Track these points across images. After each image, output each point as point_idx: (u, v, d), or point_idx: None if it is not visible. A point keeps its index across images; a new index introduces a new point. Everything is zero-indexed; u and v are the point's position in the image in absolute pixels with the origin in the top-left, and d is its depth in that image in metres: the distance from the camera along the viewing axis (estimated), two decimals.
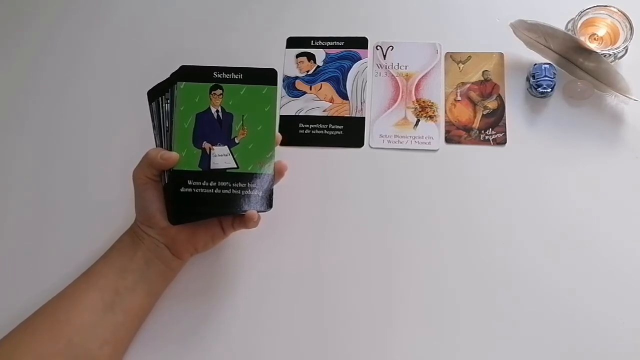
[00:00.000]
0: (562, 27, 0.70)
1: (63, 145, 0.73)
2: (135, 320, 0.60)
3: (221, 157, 0.58)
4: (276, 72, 0.60)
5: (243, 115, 0.59)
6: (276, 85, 0.60)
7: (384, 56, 0.75)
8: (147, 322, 0.62)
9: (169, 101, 0.59)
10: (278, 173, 0.60)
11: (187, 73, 0.59)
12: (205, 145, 0.58)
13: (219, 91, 0.58)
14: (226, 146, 0.58)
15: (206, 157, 0.58)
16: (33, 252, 0.67)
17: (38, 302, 0.58)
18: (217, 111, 0.58)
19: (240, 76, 0.59)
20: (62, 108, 0.75)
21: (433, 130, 0.70)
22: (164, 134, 0.60)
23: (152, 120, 0.61)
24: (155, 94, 0.61)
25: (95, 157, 0.72)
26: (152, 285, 0.60)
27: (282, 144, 0.71)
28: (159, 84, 0.61)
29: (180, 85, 0.58)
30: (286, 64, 0.75)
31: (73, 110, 0.75)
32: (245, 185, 0.57)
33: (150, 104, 0.62)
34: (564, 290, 0.62)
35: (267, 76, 0.60)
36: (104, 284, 0.58)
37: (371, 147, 0.70)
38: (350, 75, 0.74)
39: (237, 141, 0.58)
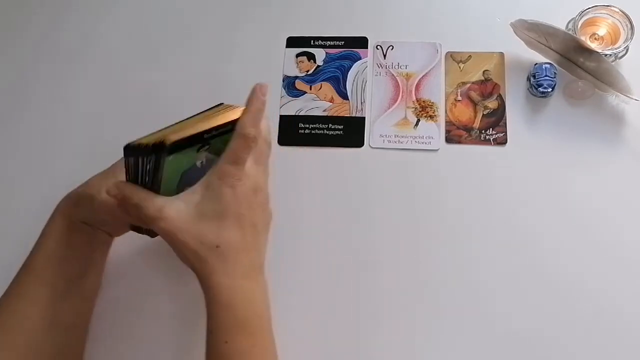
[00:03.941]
0: (562, 27, 0.70)
1: (62, 145, 0.73)
2: (91, 299, 0.61)
3: None
4: None
5: (222, 152, 0.54)
6: None
7: (384, 56, 0.74)
8: (148, 322, 0.63)
9: (150, 163, 0.53)
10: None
11: (176, 146, 0.51)
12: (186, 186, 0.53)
13: (206, 147, 0.54)
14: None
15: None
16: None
17: None
18: (202, 162, 0.54)
19: (230, 127, 0.54)
20: (59, 107, 0.75)
21: (433, 130, 0.70)
22: (141, 185, 0.54)
23: (127, 172, 0.54)
24: (134, 153, 0.53)
25: (95, 157, 0.71)
26: (98, 264, 0.60)
27: (283, 144, 0.71)
28: (139, 145, 0.52)
29: (169, 157, 0.52)
30: (286, 63, 0.75)
31: (71, 109, 0.75)
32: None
33: (126, 158, 0.54)
34: (563, 290, 0.62)
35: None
36: (52, 276, 0.56)
37: (371, 147, 0.70)
38: (350, 75, 0.74)
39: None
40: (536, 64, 0.69)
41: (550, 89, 0.68)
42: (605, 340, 0.60)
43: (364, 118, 0.72)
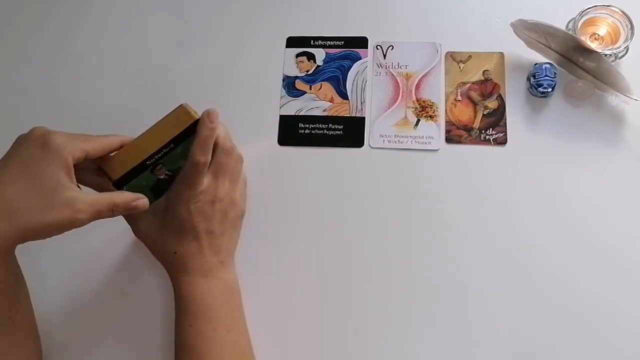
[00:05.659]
0: (562, 27, 0.70)
1: None
2: (26, 297, 0.57)
3: None
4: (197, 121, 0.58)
5: (185, 160, 0.58)
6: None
7: (384, 56, 0.74)
8: (150, 323, 0.62)
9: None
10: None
11: (123, 178, 0.57)
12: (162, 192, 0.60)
13: (158, 166, 0.58)
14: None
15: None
16: (32, 253, 0.67)
17: (36, 302, 0.58)
18: (165, 175, 0.59)
19: (172, 145, 0.57)
20: (55, 104, 0.75)
21: (433, 130, 0.70)
22: None
23: None
24: None
25: None
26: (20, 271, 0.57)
27: (282, 144, 0.71)
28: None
29: (124, 187, 0.58)
30: (286, 63, 0.75)
31: (68, 106, 0.75)
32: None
33: None
34: (564, 290, 0.62)
35: (193, 129, 0.57)
36: None
37: (371, 147, 0.70)
38: (350, 75, 0.74)
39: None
40: (536, 64, 0.69)
41: (550, 89, 0.68)
42: (607, 340, 0.60)
43: (364, 118, 0.72)
